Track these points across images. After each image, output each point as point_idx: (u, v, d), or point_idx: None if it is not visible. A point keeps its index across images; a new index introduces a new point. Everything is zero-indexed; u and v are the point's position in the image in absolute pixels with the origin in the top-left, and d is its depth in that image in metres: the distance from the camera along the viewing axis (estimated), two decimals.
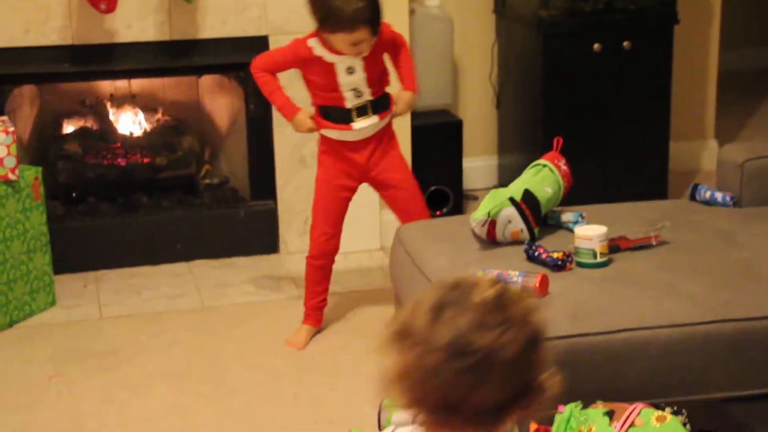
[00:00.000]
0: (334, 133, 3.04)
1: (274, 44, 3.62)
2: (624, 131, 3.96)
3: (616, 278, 2.38)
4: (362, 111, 2.99)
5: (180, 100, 4.01)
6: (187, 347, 3.15)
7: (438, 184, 4.00)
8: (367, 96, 2.98)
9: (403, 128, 3.82)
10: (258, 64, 3.04)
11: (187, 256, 3.74)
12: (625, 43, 3.87)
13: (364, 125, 3.00)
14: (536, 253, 2.48)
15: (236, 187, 3.91)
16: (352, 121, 2.99)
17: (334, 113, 3.00)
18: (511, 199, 2.61)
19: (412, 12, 3.84)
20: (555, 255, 2.45)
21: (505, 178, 3.10)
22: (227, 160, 3.98)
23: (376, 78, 2.98)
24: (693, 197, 2.88)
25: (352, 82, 2.95)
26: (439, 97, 4.07)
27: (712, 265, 2.44)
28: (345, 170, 3.08)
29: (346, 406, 2.78)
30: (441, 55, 4.04)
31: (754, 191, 2.81)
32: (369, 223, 3.82)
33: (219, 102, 3.98)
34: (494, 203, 2.61)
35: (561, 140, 2.80)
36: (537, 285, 2.29)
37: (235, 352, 3.11)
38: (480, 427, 1.23)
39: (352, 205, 3.79)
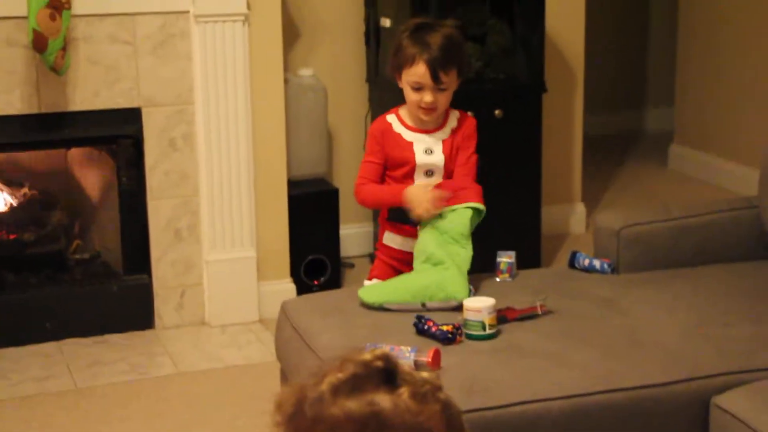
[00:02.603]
0: (397, 240, 2.82)
1: (147, 116, 3.55)
2: (498, 197, 4.00)
3: (506, 350, 2.39)
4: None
5: (48, 173, 3.87)
6: None
7: (315, 253, 3.97)
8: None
9: (278, 198, 3.79)
10: (360, 188, 2.86)
11: (57, 335, 3.58)
12: (497, 111, 3.95)
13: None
14: (426, 327, 2.47)
15: (108, 261, 3.79)
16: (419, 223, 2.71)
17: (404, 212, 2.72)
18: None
19: (286, 81, 3.83)
20: (444, 328, 2.45)
21: None
22: (99, 234, 3.86)
23: (452, 170, 2.78)
24: (572, 265, 2.93)
25: (428, 164, 2.76)
26: (314, 165, 4.05)
27: (597, 334, 2.48)
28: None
29: None
30: (316, 124, 4.02)
31: (630, 258, 2.89)
32: (246, 294, 3.75)
33: (89, 175, 3.86)
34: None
35: None
36: (429, 360, 2.28)
37: None
38: None
39: (228, 276, 3.73)
